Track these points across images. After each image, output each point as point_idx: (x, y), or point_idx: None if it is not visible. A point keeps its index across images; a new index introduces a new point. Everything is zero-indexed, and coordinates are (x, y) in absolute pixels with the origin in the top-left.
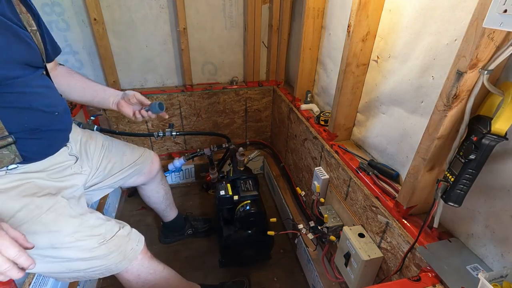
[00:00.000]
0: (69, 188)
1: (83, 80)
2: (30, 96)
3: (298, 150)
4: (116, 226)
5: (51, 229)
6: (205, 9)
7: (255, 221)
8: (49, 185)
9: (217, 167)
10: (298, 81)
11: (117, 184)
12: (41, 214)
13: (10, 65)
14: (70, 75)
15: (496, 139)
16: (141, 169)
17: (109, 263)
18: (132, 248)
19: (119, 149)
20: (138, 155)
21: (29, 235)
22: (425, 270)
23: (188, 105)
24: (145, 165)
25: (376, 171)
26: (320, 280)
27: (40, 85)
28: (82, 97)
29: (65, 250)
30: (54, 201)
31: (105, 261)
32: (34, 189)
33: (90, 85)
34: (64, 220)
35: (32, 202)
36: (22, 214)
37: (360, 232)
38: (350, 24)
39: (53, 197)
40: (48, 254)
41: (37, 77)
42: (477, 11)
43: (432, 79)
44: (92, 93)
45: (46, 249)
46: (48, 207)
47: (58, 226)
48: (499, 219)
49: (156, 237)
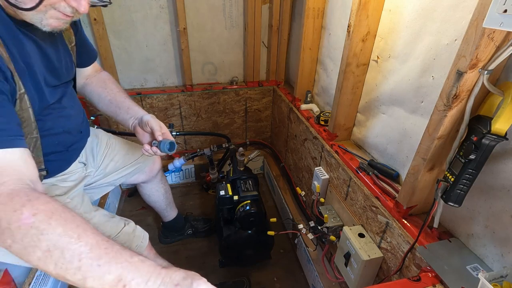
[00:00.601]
0: (74, 188)
1: (113, 93)
2: (63, 120)
3: (298, 150)
4: (121, 223)
5: None
6: (205, 9)
7: (255, 221)
8: (57, 187)
9: (217, 167)
10: (298, 81)
11: (117, 182)
12: None
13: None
14: (103, 86)
15: (496, 139)
16: (142, 168)
17: None
18: (137, 245)
19: (121, 148)
20: (140, 153)
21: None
22: (425, 270)
23: (188, 105)
24: (147, 163)
25: (376, 171)
26: (320, 280)
27: (71, 105)
28: (107, 111)
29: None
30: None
31: None
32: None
33: (118, 101)
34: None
35: None
36: None
37: (360, 232)
38: (350, 24)
39: (60, 198)
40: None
41: (69, 96)
42: (477, 11)
43: (432, 79)
44: (116, 110)
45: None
46: None
47: None
48: (499, 219)
49: (156, 237)
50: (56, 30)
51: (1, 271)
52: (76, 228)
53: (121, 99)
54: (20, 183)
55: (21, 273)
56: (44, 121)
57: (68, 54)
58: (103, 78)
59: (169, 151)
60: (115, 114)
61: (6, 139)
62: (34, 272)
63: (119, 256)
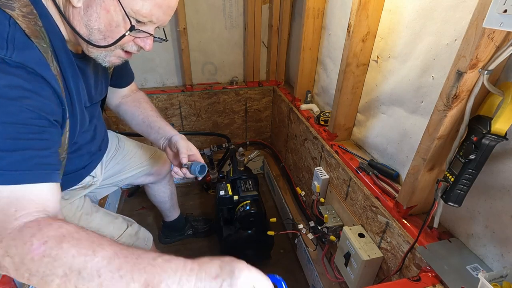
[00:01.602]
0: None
1: (146, 112)
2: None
3: (298, 150)
4: (124, 224)
5: None
6: (205, 9)
7: (255, 221)
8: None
9: (217, 167)
10: (298, 81)
11: (122, 183)
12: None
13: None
14: (137, 106)
15: (496, 139)
16: (149, 169)
17: None
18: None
19: (130, 150)
20: (148, 155)
21: None
22: (425, 270)
23: (188, 105)
24: (154, 165)
25: (376, 171)
26: (320, 280)
27: (99, 125)
28: (139, 130)
29: None
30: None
31: None
32: None
33: (150, 121)
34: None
35: None
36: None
37: (360, 232)
38: (350, 24)
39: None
40: None
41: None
42: (477, 11)
43: (432, 79)
44: (148, 130)
45: None
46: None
47: None
48: (499, 219)
49: (156, 237)
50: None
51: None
52: (91, 245)
53: (153, 119)
54: (36, 214)
55: None
56: (76, 143)
57: (106, 77)
58: (138, 97)
59: (199, 174)
60: (147, 134)
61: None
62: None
63: (141, 261)
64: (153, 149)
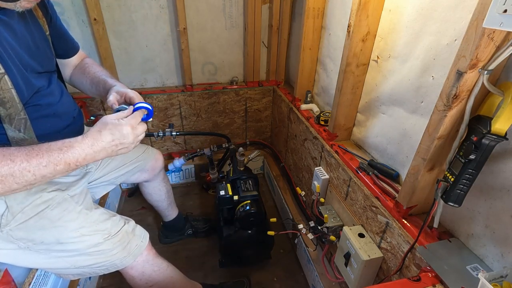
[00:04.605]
0: (76, 184)
1: (91, 75)
2: (53, 104)
3: (298, 150)
4: (121, 221)
5: (56, 224)
6: (205, 9)
7: (255, 221)
8: (58, 181)
9: (217, 167)
10: (298, 81)
11: (119, 180)
12: (47, 210)
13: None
14: (82, 72)
15: (496, 139)
16: (143, 165)
17: (113, 259)
18: (137, 244)
19: None
20: (141, 151)
21: (35, 230)
22: (425, 270)
23: (188, 105)
24: (148, 161)
25: (376, 171)
26: (320, 280)
27: (59, 93)
28: (92, 94)
29: (70, 245)
30: (61, 197)
31: (109, 257)
32: (44, 185)
33: (96, 81)
34: (69, 216)
35: (40, 198)
36: (29, 209)
37: (360, 232)
38: (350, 24)
39: (62, 193)
40: (54, 249)
41: (56, 84)
42: (477, 11)
43: (432, 79)
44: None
45: (52, 244)
46: (55, 203)
47: (63, 221)
48: (499, 219)
49: (156, 237)
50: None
51: (1, 271)
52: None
53: (98, 79)
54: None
55: (21, 273)
56: (34, 105)
57: (45, 40)
58: (83, 64)
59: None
60: (99, 94)
61: None
62: (34, 272)
63: (52, 151)
64: (144, 146)
